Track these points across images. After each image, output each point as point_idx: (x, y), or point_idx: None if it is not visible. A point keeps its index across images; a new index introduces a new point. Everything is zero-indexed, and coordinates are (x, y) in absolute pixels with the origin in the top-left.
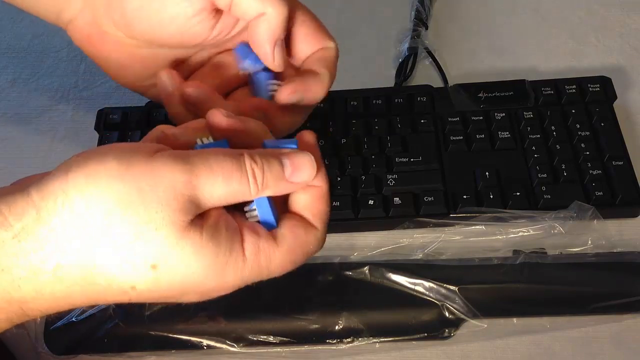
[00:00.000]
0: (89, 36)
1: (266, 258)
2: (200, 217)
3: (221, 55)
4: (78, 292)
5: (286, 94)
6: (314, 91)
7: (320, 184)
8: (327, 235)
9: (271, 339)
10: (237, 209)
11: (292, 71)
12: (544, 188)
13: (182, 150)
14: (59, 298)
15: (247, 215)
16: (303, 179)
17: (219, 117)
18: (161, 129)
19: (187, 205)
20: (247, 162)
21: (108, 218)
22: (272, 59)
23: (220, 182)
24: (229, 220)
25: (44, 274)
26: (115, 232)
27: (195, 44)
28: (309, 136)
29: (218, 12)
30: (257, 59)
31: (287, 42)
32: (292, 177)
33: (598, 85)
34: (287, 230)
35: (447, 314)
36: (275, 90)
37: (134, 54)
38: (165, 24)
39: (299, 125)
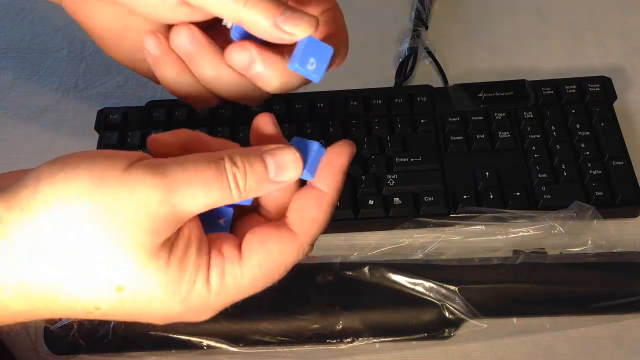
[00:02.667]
0: (81, 6)
1: (233, 281)
2: (174, 234)
3: None
4: (42, 309)
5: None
6: (341, 57)
7: (327, 190)
8: (327, 235)
9: (271, 339)
10: None
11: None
12: (544, 188)
13: (161, 158)
14: (23, 313)
15: None
16: (288, 178)
17: (269, 124)
18: (151, 137)
19: (161, 225)
20: (228, 166)
21: (73, 236)
22: (287, 35)
23: (200, 194)
24: (202, 239)
25: (5, 290)
26: (80, 252)
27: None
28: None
29: None
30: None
31: None
32: (277, 177)
33: (598, 85)
34: (256, 243)
35: (447, 314)
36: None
37: (127, 24)
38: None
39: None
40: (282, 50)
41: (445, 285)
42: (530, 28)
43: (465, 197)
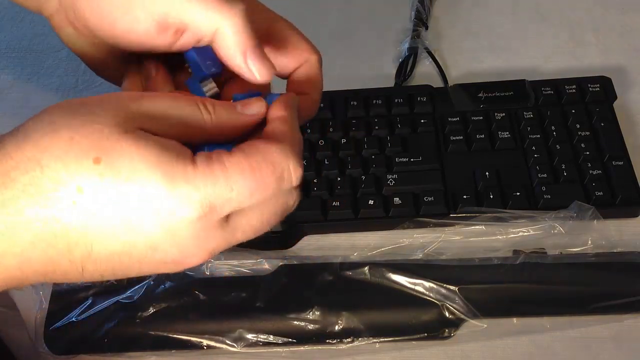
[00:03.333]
0: (61, 31)
1: (220, 164)
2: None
3: None
4: (29, 204)
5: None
6: (306, 112)
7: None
8: (327, 235)
9: (271, 339)
10: None
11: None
12: (544, 188)
13: None
14: (10, 213)
15: None
16: (254, 112)
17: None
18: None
19: (131, 114)
20: (196, 98)
21: (51, 124)
22: (248, 70)
23: (167, 100)
24: (179, 144)
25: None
26: (56, 133)
27: (164, 50)
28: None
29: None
30: (205, 66)
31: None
32: (243, 110)
33: (598, 85)
34: (245, 144)
35: (447, 314)
36: (212, 92)
37: (109, 51)
38: (122, 37)
39: None
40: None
41: (445, 285)
42: (530, 28)
43: (465, 197)
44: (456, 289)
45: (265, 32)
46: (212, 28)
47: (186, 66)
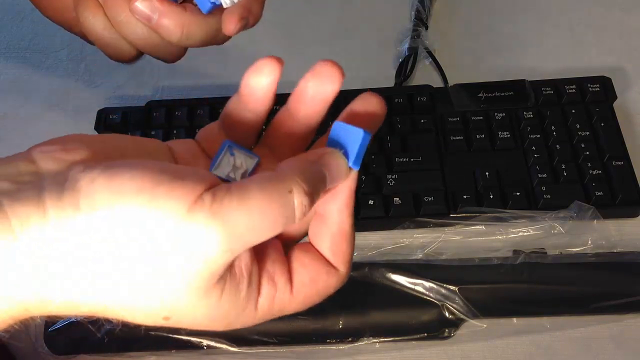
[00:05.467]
0: None
1: (279, 308)
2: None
3: None
4: (84, 315)
5: (234, 25)
6: (255, 12)
7: (350, 227)
8: None
9: (271, 339)
10: None
11: None
12: (544, 188)
13: (227, 186)
14: (63, 315)
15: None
16: (337, 184)
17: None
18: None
19: (217, 269)
20: (297, 200)
21: (129, 261)
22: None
23: (261, 234)
24: (252, 269)
25: (51, 304)
26: (133, 279)
27: None
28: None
29: None
30: None
31: None
32: (329, 184)
33: (598, 85)
34: (308, 279)
35: (447, 314)
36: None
37: None
38: None
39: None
40: (184, 5)
41: (445, 285)
42: (530, 28)
43: (465, 197)
44: (456, 289)
45: None
46: None
47: None
